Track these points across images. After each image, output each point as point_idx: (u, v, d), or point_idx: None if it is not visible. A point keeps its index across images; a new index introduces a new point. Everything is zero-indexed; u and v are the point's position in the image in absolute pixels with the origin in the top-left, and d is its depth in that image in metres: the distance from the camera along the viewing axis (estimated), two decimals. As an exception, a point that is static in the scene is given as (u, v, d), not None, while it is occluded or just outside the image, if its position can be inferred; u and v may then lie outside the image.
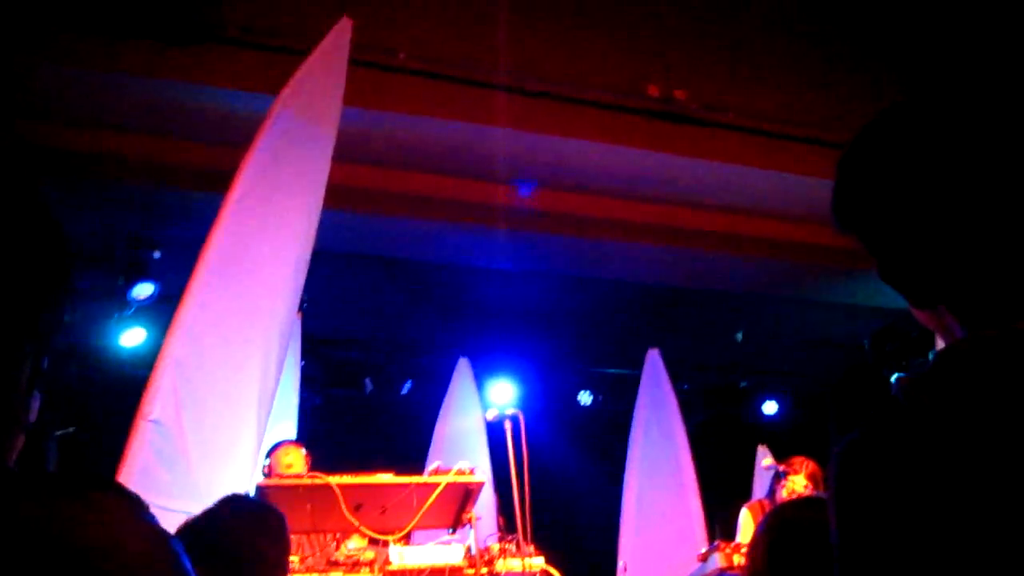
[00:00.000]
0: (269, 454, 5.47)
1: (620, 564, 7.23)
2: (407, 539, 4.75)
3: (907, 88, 7.14)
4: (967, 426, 0.97)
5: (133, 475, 4.16)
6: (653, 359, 9.11)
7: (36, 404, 0.95)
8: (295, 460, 5.35)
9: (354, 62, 5.01)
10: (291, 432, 6.82)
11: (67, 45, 5.50)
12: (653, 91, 6.57)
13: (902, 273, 1.15)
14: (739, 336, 10.17)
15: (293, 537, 3.23)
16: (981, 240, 1.09)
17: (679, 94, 6.61)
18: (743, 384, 11.42)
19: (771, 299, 9.30)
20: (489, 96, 6.19)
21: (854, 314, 9.08)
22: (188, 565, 0.85)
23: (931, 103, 1.21)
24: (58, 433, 7.21)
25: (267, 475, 5.12)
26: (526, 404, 8.67)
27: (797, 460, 5.65)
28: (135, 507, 0.84)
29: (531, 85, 6.32)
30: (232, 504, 2.80)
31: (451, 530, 4.88)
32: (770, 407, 11.18)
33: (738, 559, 5.12)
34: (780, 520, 2.26)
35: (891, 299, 1.41)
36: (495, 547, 4.73)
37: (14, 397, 0.91)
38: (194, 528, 2.66)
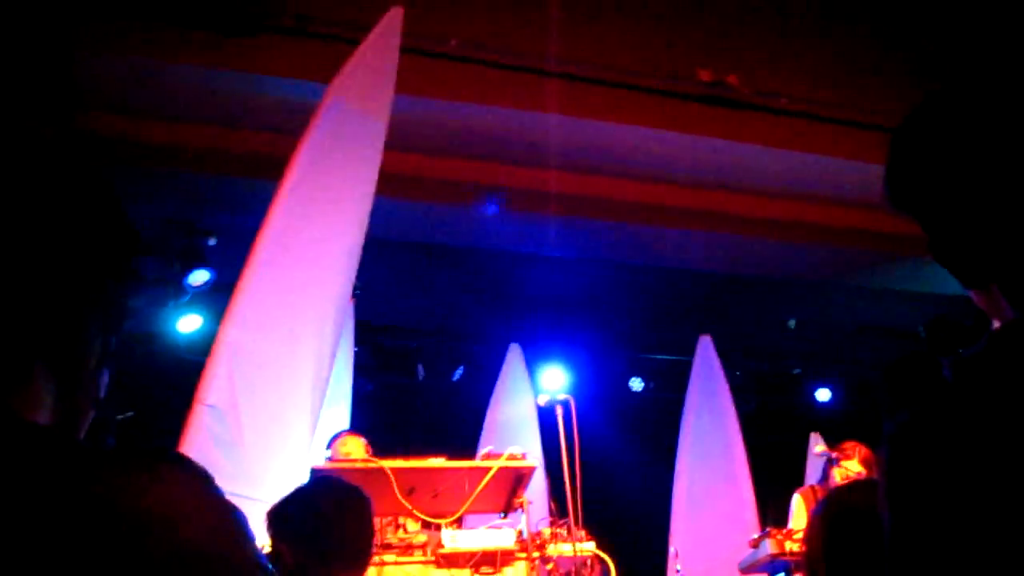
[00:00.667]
0: (330, 444, 5.56)
1: (671, 550, 7.22)
2: (459, 523, 4.77)
3: (962, 72, 7.03)
4: (1017, 407, 0.96)
5: (191, 457, 4.23)
6: (705, 346, 9.08)
7: (105, 380, 0.99)
8: (354, 448, 5.41)
9: (405, 50, 5.04)
10: (344, 418, 6.90)
11: (126, 36, 5.59)
12: (705, 76, 6.54)
13: (953, 252, 1.15)
14: (791, 323, 10.10)
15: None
16: None
17: (731, 79, 6.56)
18: (796, 371, 11.35)
19: (824, 285, 9.22)
20: (540, 82, 6.20)
21: (908, 300, 8.98)
22: (253, 537, 0.87)
23: (985, 83, 1.20)
24: (118, 417, 7.33)
25: (330, 461, 5.19)
26: (577, 390, 8.67)
27: (849, 445, 5.61)
28: (203, 480, 0.87)
29: (582, 71, 6.31)
30: (321, 485, 2.84)
31: (503, 514, 4.90)
32: (823, 394, 11.10)
33: (790, 545, 5.10)
34: (836, 504, 2.26)
35: (945, 285, 1.41)
36: (547, 531, 4.75)
37: (84, 374, 0.95)
38: (285, 506, 2.72)
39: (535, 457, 5.93)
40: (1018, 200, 1.09)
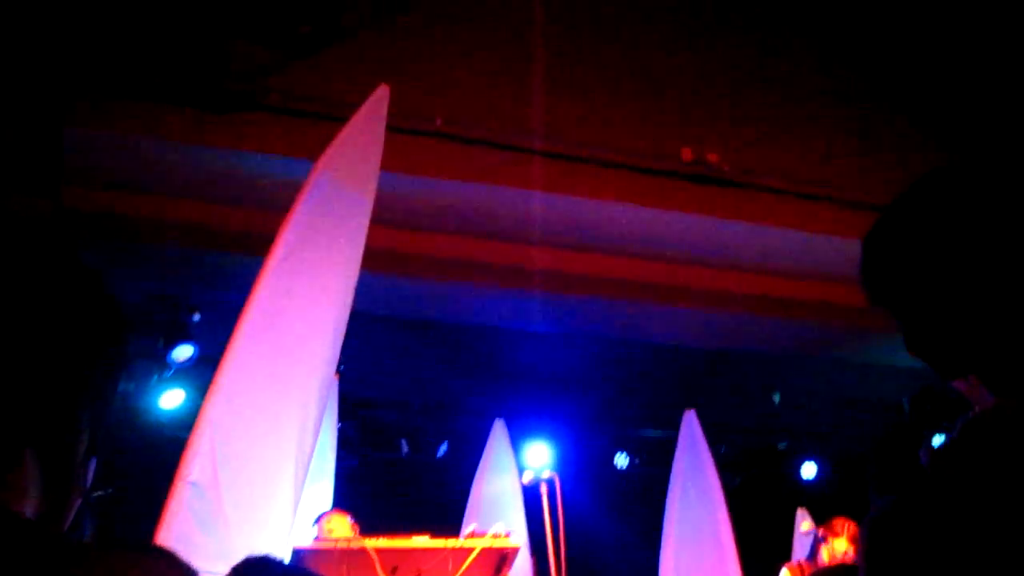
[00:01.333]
0: (317, 521, 5.51)
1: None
2: (443, 603, 4.71)
3: (941, 149, 7.15)
4: (989, 498, 0.98)
5: (171, 537, 4.18)
6: (690, 421, 9.06)
7: (92, 471, 0.98)
8: (339, 527, 5.37)
9: (391, 128, 5.08)
10: (328, 494, 6.84)
11: (114, 112, 5.63)
12: (686, 154, 6.62)
13: (930, 346, 1.17)
14: (776, 398, 10.10)
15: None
16: (1009, 311, 1.11)
17: (712, 157, 6.64)
18: (781, 446, 11.32)
19: (808, 360, 9.24)
20: (525, 160, 6.26)
21: (893, 374, 9.00)
22: None
23: (954, 178, 1.23)
24: (96, 494, 7.24)
25: (316, 541, 5.14)
26: (562, 466, 8.63)
27: (838, 522, 5.59)
28: (187, 574, 0.86)
29: (566, 149, 6.37)
30: (257, 569, 2.78)
31: (488, 594, 4.84)
32: (809, 469, 11.06)
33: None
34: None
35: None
36: (532, 612, 4.71)
37: (73, 463, 0.94)
38: None
39: (520, 535, 5.88)
40: (991, 294, 1.12)
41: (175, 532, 4.23)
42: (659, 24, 7.19)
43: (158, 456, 5.82)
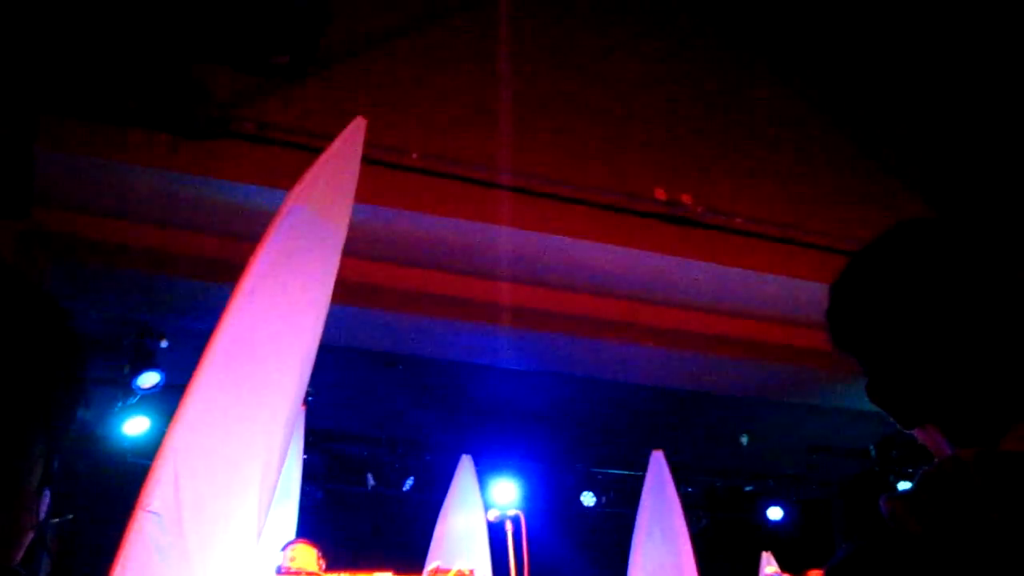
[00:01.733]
0: (283, 548, 5.44)
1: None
2: (404, 639, 4.67)
3: (914, 195, 7.22)
4: (946, 550, 0.99)
5: (129, 567, 4.12)
6: (657, 461, 9.06)
7: (46, 502, 0.96)
8: (304, 558, 5.30)
9: (366, 160, 5.09)
10: (292, 525, 6.77)
11: (85, 134, 5.60)
12: (660, 194, 6.66)
13: (889, 394, 1.19)
14: (744, 440, 10.11)
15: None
16: (966, 362, 1.13)
17: (685, 198, 6.69)
18: (748, 488, 11.33)
19: (776, 403, 9.26)
20: (496, 196, 6.27)
21: (860, 420, 9.04)
22: None
23: (922, 231, 1.25)
24: (55, 520, 7.15)
25: (279, 572, 5.07)
26: (528, 503, 8.61)
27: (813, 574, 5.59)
28: None
29: (538, 186, 6.40)
30: None
31: (449, 632, 4.80)
32: (775, 512, 11.07)
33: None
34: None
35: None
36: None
37: (25, 497, 0.92)
38: None
39: (484, 573, 5.83)
40: (950, 345, 1.14)
41: (133, 562, 4.16)
42: (634, 64, 7.26)
43: (120, 483, 5.75)
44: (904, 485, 9.81)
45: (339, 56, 6.32)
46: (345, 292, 5.29)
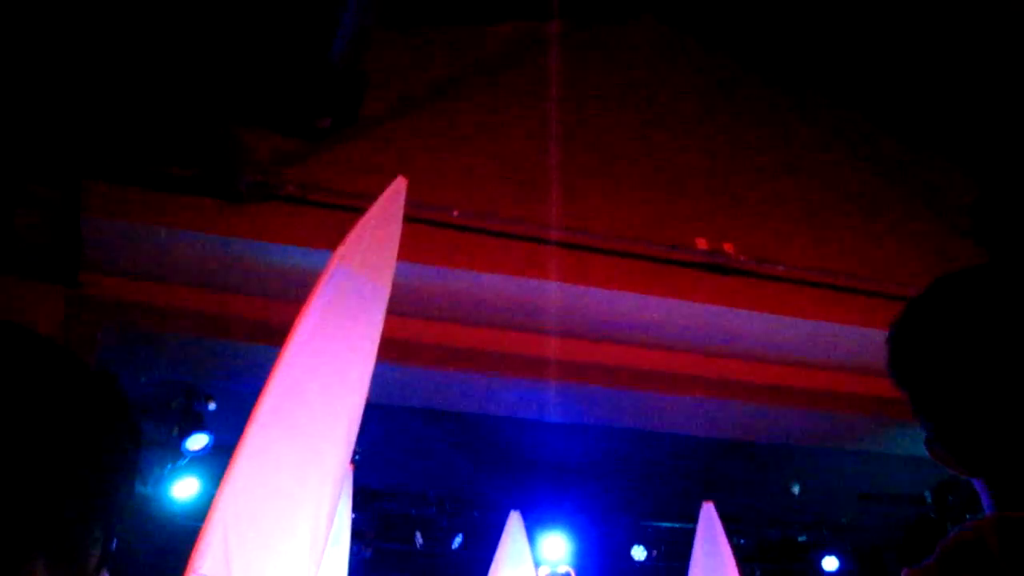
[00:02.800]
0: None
1: None
2: None
3: (960, 239, 7.16)
4: None
5: (181, 632, 4.12)
6: (708, 512, 8.94)
7: None
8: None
9: (408, 219, 5.12)
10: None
11: (129, 201, 5.70)
12: (702, 244, 6.64)
13: (945, 445, 1.17)
14: (795, 489, 9.98)
15: None
16: (1016, 414, 1.10)
17: (727, 247, 6.67)
18: (801, 539, 11.15)
19: (827, 451, 9.15)
20: (540, 251, 6.29)
21: (914, 465, 8.90)
22: None
23: (976, 279, 1.23)
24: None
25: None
26: (579, 559, 8.52)
27: None
28: None
29: (581, 239, 6.41)
30: None
31: None
32: (830, 563, 10.86)
33: None
34: None
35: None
36: None
37: (84, 573, 0.93)
38: None
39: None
40: (1004, 399, 1.11)
41: (185, 627, 4.16)
42: (673, 114, 7.29)
43: (171, 547, 5.76)
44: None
45: (380, 116, 6.40)
46: (391, 350, 5.31)
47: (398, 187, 5.12)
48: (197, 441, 7.60)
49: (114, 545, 0.98)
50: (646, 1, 7.65)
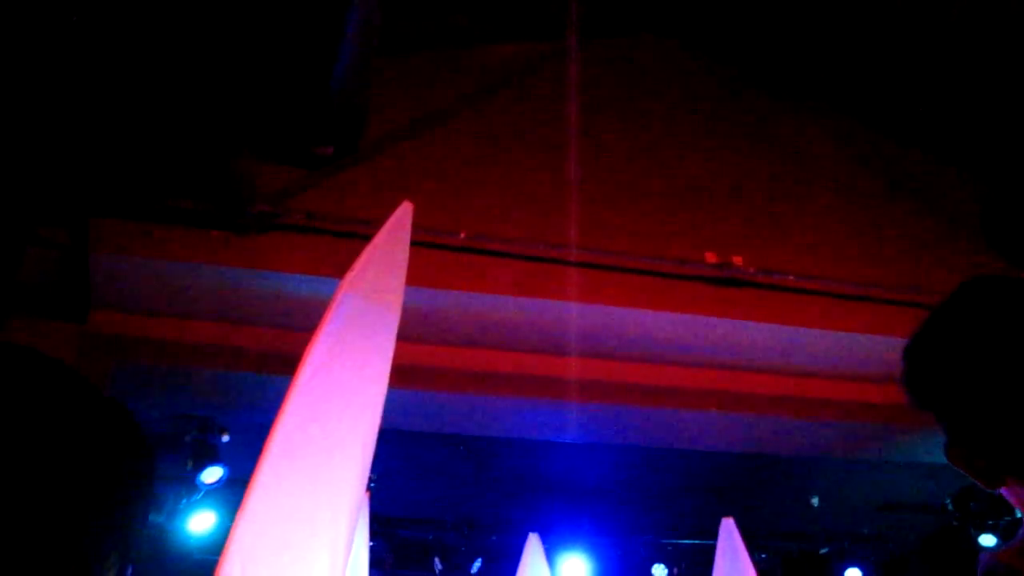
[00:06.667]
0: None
1: None
2: None
3: (967, 244, 7.13)
4: None
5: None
6: (728, 528, 8.88)
7: None
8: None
9: (415, 243, 5.12)
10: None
11: (136, 237, 5.71)
12: (711, 257, 6.62)
13: (969, 452, 1.15)
14: (815, 501, 9.92)
15: None
16: None
17: (736, 259, 6.65)
18: (823, 551, 11.07)
19: (845, 462, 9.10)
20: (544, 270, 6.28)
21: (932, 474, 8.84)
22: None
23: (996, 288, 1.22)
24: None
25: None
26: (599, 579, 8.45)
27: None
28: None
29: (590, 258, 6.39)
30: None
31: None
32: (853, 574, 10.79)
33: None
34: None
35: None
36: None
37: None
38: None
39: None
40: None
41: (205, 661, 4.14)
42: (676, 127, 7.29)
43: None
44: (986, 538, 9.55)
45: (383, 141, 6.41)
46: (403, 376, 5.30)
47: (404, 212, 5.12)
48: (212, 474, 7.59)
49: (130, 572, 0.97)
50: (648, 18, 7.66)
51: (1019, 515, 1.10)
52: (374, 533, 7.91)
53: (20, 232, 5.39)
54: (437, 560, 9.79)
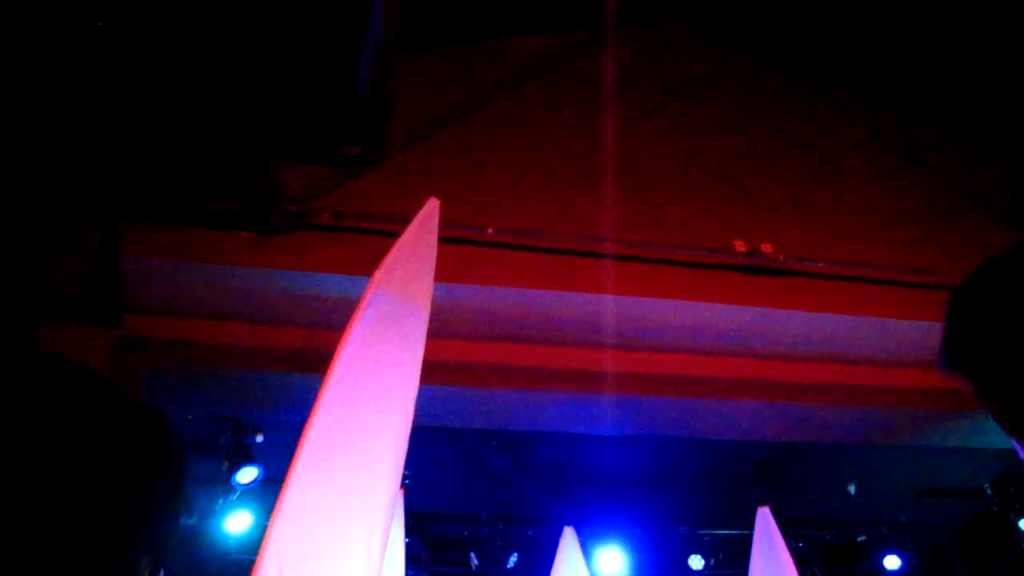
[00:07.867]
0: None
1: None
2: None
3: (999, 226, 7.05)
4: None
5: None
6: (764, 518, 8.83)
7: None
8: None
9: (443, 239, 5.12)
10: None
11: (166, 240, 5.74)
12: (740, 246, 6.58)
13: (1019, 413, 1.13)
14: (852, 488, 9.86)
15: None
16: None
17: (766, 247, 6.60)
18: (861, 539, 11.01)
19: (881, 448, 9.02)
20: (573, 263, 6.26)
21: (971, 458, 8.76)
22: None
23: None
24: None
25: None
26: (636, 572, 8.44)
27: None
28: None
29: (622, 250, 6.37)
30: None
31: None
32: (892, 561, 10.72)
33: None
34: None
35: (1007, 439, 1.37)
36: None
37: None
38: None
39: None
40: None
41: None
42: (703, 117, 7.25)
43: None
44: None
45: (410, 138, 6.41)
46: (436, 372, 5.31)
47: (431, 208, 5.12)
48: (247, 474, 7.63)
49: (162, 575, 0.98)
50: (674, 6, 7.63)
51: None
52: (409, 530, 7.94)
53: (52, 238, 5.43)
54: (473, 555, 9.81)
